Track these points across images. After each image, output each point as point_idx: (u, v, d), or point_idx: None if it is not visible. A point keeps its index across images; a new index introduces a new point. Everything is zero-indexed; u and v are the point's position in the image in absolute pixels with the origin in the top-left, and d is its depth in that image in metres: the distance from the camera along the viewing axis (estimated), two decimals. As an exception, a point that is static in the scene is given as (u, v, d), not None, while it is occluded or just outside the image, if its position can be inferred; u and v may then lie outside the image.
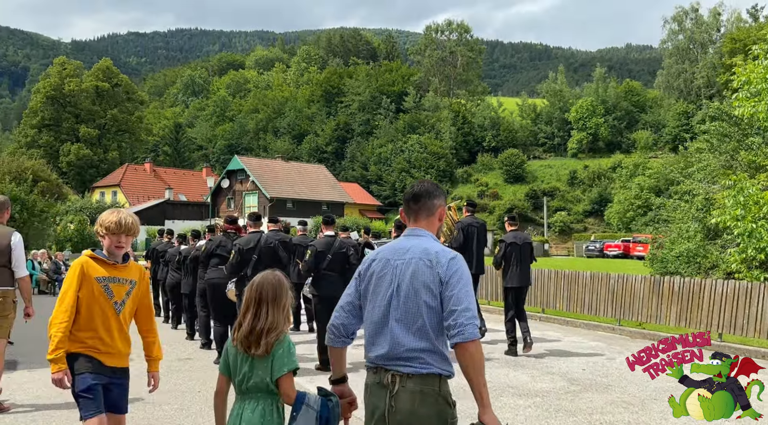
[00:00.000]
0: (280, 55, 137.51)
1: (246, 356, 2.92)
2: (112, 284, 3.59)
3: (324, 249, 8.08)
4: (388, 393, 2.70)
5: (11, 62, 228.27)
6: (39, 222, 38.23)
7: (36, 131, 75.51)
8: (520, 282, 9.10)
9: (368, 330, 2.86)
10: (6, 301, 5.88)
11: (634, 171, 59.88)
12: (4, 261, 5.83)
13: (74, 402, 4.53)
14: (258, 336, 2.88)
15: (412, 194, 2.99)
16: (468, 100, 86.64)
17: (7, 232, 5.92)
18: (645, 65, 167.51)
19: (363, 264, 2.99)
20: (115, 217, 3.57)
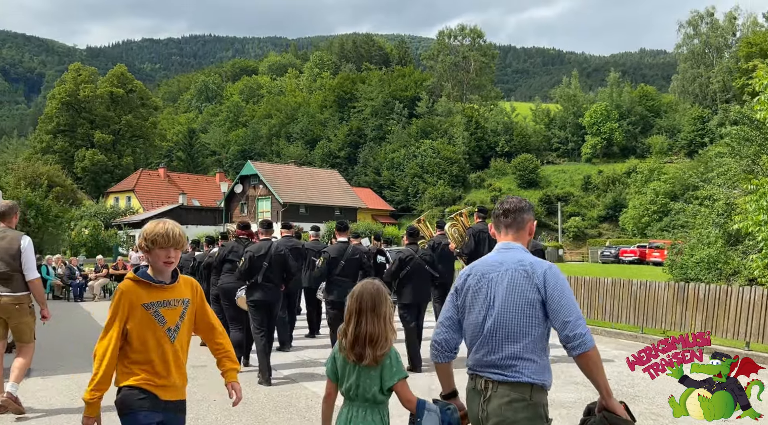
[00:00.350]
0: (293, 61, 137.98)
1: (354, 365, 3.01)
2: (163, 309, 3.09)
3: (337, 256, 8.12)
4: (481, 398, 2.87)
5: (27, 69, 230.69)
6: (54, 228, 38.43)
7: (51, 137, 76.14)
8: None
9: (468, 341, 3.01)
10: (22, 307, 5.93)
11: (649, 176, 59.39)
12: (16, 266, 5.87)
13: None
14: (363, 344, 2.97)
15: (502, 210, 3.09)
16: (481, 105, 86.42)
17: (17, 237, 5.97)
18: (659, 70, 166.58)
19: (459, 280, 3.08)
20: (162, 228, 3.10)
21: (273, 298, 7.63)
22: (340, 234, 8.54)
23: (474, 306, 2.95)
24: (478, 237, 9.72)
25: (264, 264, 7.55)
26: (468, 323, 2.98)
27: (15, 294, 5.88)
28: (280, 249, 7.82)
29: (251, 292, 7.60)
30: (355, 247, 8.51)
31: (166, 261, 3.09)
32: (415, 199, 71.97)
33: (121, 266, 20.79)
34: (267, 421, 5.63)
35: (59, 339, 10.56)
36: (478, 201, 68.38)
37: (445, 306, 3.10)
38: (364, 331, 2.98)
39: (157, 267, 3.12)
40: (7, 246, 5.86)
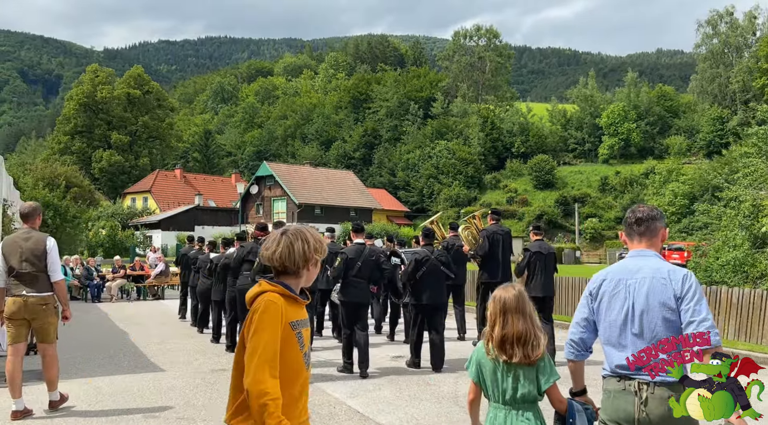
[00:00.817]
0: (308, 62, 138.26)
1: (509, 369, 3.07)
2: (304, 329, 2.62)
3: (354, 257, 8.15)
4: (637, 399, 3.02)
5: (45, 70, 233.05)
6: (71, 228, 38.66)
7: (69, 138, 76.72)
8: (544, 292, 8.89)
9: (606, 343, 3.15)
10: (48, 307, 5.98)
11: (668, 177, 58.74)
12: (41, 267, 5.92)
13: (104, 411, 4.34)
14: (512, 343, 3.07)
15: (635, 218, 3.21)
16: (496, 106, 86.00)
17: (42, 238, 6.02)
18: (676, 70, 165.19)
19: (593, 284, 3.22)
20: (321, 238, 2.69)
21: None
22: (356, 235, 8.58)
23: (611, 310, 3.11)
24: (492, 238, 9.78)
25: None
26: (605, 325, 3.14)
27: (41, 295, 5.93)
28: None
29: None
30: (371, 249, 8.56)
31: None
32: (430, 200, 71.71)
33: (138, 267, 20.78)
34: (289, 429, 5.49)
35: (76, 341, 10.50)
36: (493, 202, 68.05)
37: (581, 307, 3.24)
38: (511, 331, 3.08)
39: (311, 280, 2.70)
40: (33, 247, 5.92)
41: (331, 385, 7.25)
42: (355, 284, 8.11)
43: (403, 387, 7.14)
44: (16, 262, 5.88)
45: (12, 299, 5.90)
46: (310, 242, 2.63)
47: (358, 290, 8.08)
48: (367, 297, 8.29)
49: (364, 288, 8.15)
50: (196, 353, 9.62)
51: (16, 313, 5.88)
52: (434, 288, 8.34)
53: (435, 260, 8.32)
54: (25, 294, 5.87)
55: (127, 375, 7.83)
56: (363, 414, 6.01)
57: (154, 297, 20.06)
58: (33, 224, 6.13)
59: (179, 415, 5.96)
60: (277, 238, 2.63)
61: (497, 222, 10.22)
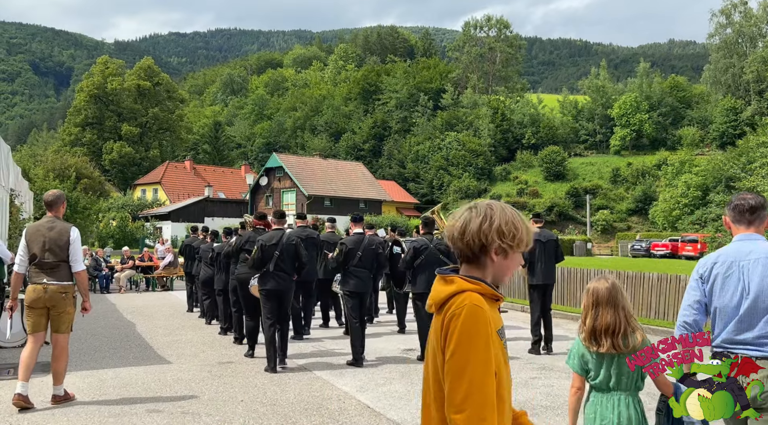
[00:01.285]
0: (318, 54, 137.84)
1: (611, 357, 3.23)
2: (506, 337, 2.09)
3: (354, 247, 8.21)
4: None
5: (56, 63, 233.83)
6: (82, 219, 38.70)
7: (80, 129, 76.86)
8: (545, 280, 8.91)
9: (718, 322, 3.34)
10: (67, 297, 5.98)
11: (680, 168, 58.12)
12: (63, 257, 5.94)
13: (108, 403, 4.16)
14: (599, 333, 3.23)
15: (749, 206, 3.37)
16: (507, 97, 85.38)
17: (67, 228, 6.05)
18: (688, 61, 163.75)
19: (703, 268, 3.39)
20: (526, 224, 2.07)
21: (284, 287, 7.74)
22: (355, 225, 8.64)
23: (725, 291, 3.29)
24: None
25: (275, 254, 7.65)
26: (718, 306, 3.32)
27: (61, 283, 5.94)
28: (291, 239, 7.90)
29: (263, 281, 7.73)
30: (371, 238, 8.60)
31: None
32: (439, 192, 71.39)
33: (147, 258, 20.69)
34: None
35: (83, 332, 10.38)
36: (503, 194, 67.70)
37: (691, 291, 3.40)
38: (601, 323, 3.22)
39: (504, 277, 2.07)
40: (56, 237, 5.95)
41: (339, 378, 7.07)
42: (357, 274, 8.17)
43: (415, 381, 6.95)
44: (38, 250, 5.91)
45: (32, 286, 5.92)
46: (495, 222, 1.97)
47: (359, 280, 8.15)
48: (368, 287, 8.38)
49: (366, 277, 8.23)
50: (203, 345, 9.47)
51: (37, 301, 5.89)
52: (433, 277, 7.96)
53: (434, 248, 8.30)
54: (45, 282, 5.89)
55: (132, 368, 7.69)
56: (373, 409, 5.82)
57: (163, 289, 19.98)
58: (57, 212, 6.16)
59: (184, 410, 5.79)
60: (461, 213, 2.06)
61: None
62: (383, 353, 8.69)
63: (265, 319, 7.75)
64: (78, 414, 5.60)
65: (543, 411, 5.75)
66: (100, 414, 5.62)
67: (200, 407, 5.87)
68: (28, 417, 5.51)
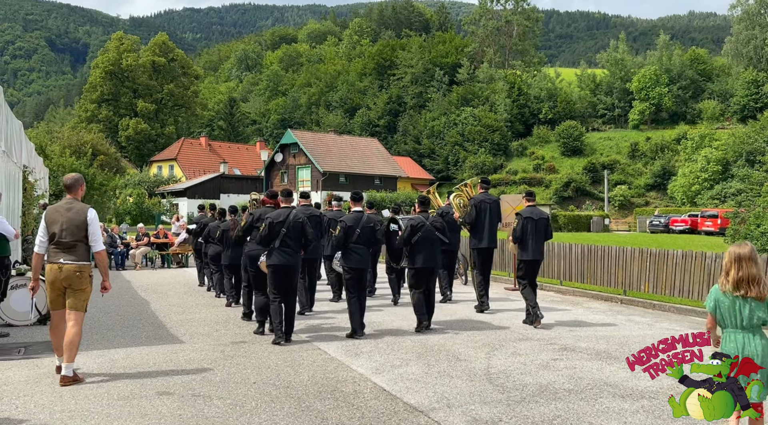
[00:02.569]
0: (332, 29, 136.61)
1: (745, 302, 3.99)
2: None
3: (353, 224, 8.47)
4: None
5: (72, 39, 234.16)
6: (98, 196, 38.80)
7: (96, 106, 77.01)
8: (534, 256, 9.18)
9: None
10: (83, 275, 6.13)
11: (700, 143, 57.19)
12: (81, 237, 6.13)
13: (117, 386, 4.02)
14: (747, 283, 3.99)
15: None
16: (524, 71, 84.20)
17: (84, 208, 6.23)
18: (709, 33, 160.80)
19: None
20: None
21: (291, 263, 7.99)
22: (355, 204, 8.82)
23: None
24: (480, 207, 10.39)
25: (282, 231, 7.94)
26: None
27: (77, 263, 6.11)
28: (298, 217, 8.18)
29: (269, 257, 8.02)
30: (369, 216, 8.85)
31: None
32: (455, 168, 70.89)
33: (162, 235, 20.65)
34: (311, 409, 5.14)
35: (96, 310, 10.30)
36: (519, 169, 67.10)
37: None
38: (746, 274, 4.00)
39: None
40: (74, 218, 6.13)
41: (355, 360, 6.90)
42: (356, 250, 8.45)
43: (432, 363, 6.76)
44: (57, 230, 6.10)
45: (49, 266, 6.11)
46: None
47: (359, 256, 8.44)
48: (367, 263, 8.63)
49: (365, 253, 8.51)
50: (216, 324, 9.35)
51: (54, 281, 6.08)
52: (429, 253, 8.67)
53: (430, 226, 8.72)
54: (61, 261, 6.06)
55: (144, 347, 7.57)
56: (389, 392, 5.64)
57: (179, 265, 19.95)
58: (76, 194, 6.34)
59: (195, 392, 5.64)
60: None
61: (486, 191, 10.74)
62: (398, 334, 8.52)
63: (271, 293, 8.04)
64: (86, 397, 5.47)
65: (566, 395, 5.53)
66: (109, 396, 5.49)
67: (212, 389, 5.72)
68: (35, 400, 5.39)
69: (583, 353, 7.22)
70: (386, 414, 5.01)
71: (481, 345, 7.62)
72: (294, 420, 4.86)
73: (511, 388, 5.72)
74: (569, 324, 9.16)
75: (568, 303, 11.48)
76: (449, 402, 5.31)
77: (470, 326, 9.00)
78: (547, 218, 9.44)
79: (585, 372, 6.31)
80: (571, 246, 13.22)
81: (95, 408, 5.18)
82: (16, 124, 12.38)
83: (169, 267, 19.95)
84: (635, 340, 7.93)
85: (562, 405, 5.24)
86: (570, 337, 8.16)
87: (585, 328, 8.84)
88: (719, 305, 4.11)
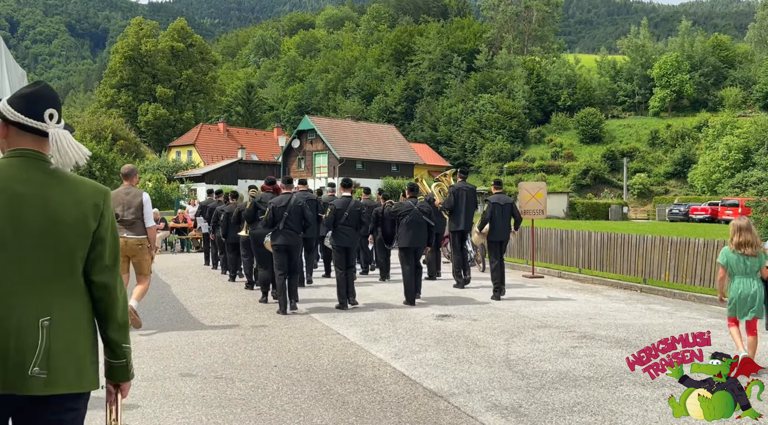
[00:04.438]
0: (350, 14, 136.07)
1: (746, 258, 5.93)
2: None
3: (342, 208, 9.46)
4: None
5: (92, 24, 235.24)
6: (119, 180, 39.02)
7: (115, 91, 77.41)
8: (500, 237, 10.61)
9: None
10: (143, 247, 7.64)
11: (722, 130, 56.39)
12: (139, 215, 7.55)
13: (141, 368, 4.09)
14: (744, 245, 5.93)
15: None
16: (543, 58, 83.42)
17: (140, 193, 7.66)
18: (732, 19, 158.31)
19: None
20: None
21: (293, 243, 9.04)
22: (344, 189, 9.86)
23: None
24: (458, 194, 11.57)
25: (285, 214, 8.94)
26: None
27: (138, 237, 7.58)
28: (298, 202, 9.18)
29: (274, 237, 9.02)
30: (357, 201, 9.86)
31: None
32: (472, 155, 70.60)
33: (182, 219, 20.82)
34: (332, 392, 5.20)
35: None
36: (537, 157, 66.64)
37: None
38: (744, 239, 5.93)
39: None
40: (132, 200, 7.54)
41: (374, 345, 6.95)
42: (344, 231, 9.42)
43: (451, 349, 6.79)
44: (120, 211, 7.43)
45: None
46: None
47: (346, 236, 9.44)
48: (354, 242, 9.69)
49: (352, 234, 9.50)
50: (236, 308, 9.45)
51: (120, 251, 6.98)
52: (416, 234, 9.86)
53: (417, 210, 9.88)
54: (126, 236, 7.43)
55: (166, 330, 7.68)
56: (409, 377, 5.68)
57: (198, 250, 20.11)
58: (131, 181, 7.76)
59: (217, 374, 5.73)
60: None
61: (464, 180, 11.97)
62: (417, 320, 8.56)
63: (276, 270, 9.02)
64: (112, 378, 5.57)
65: (586, 382, 5.54)
66: (134, 378, 5.59)
67: (233, 372, 5.80)
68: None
69: (602, 341, 7.21)
70: (406, 399, 5.06)
71: (499, 332, 7.64)
72: (315, 403, 4.92)
73: (530, 375, 5.73)
74: (588, 312, 9.15)
75: (587, 292, 11.45)
76: (469, 387, 5.34)
77: (488, 313, 9.02)
78: (512, 204, 10.83)
79: (605, 359, 6.31)
80: (590, 234, 13.15)
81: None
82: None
83: (188, 251, 20.12)
84: (655, 329, 7.91)
85: (582, 392, 5.25)
86: (589, 325, 8.15)
87: (604, 316, 8.82)
88: (729, 260, 6.02)
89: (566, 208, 49.49)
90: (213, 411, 4.75)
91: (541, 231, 14.72)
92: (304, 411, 4.74)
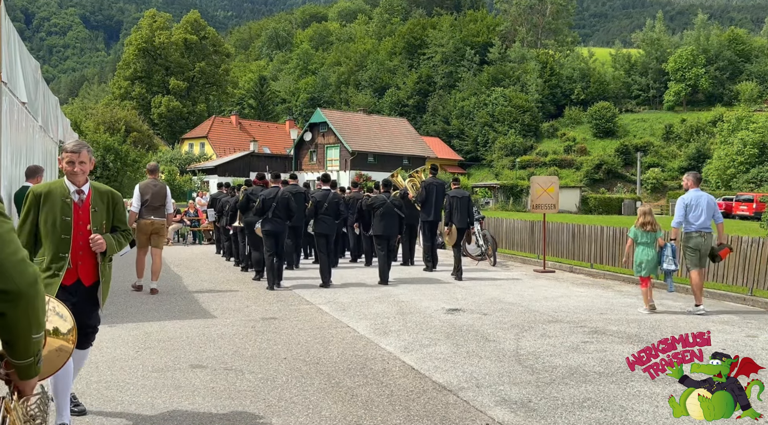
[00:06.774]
0: (363, 7, 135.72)
1: (648, 234, 8.59)
2: None
3: (321, 200, 10.92)
4: (703, 239, 8.50)
5: (106, 16, 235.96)
6: (132, 172, 39.21)
7: (129, 83, 77.75)
8: (461, 224, 12.00)
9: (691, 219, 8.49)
10: (163, 227, 10.07)
11: (737, 125, 55.88)
12: (163, 202, 9.93)
13: (151, 359, 4.08)
14: (646, 224, 8.59)
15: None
16: (556, 51, 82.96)
17: (164, 184, 10.06)
18: (748, 12, 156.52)
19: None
20: None
21: (280, 229, 10.58)
22: (323, 183, 11.66)
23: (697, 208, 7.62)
24: (428, 188, 12.98)
25: (273, 204, 10.45)
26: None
27: (161, 219, 9.99)
28: (284, 194, 10.64)
29: (263, 224, 10.54)
30: (335, 194, 11.17)
31: None
32: (485, 149, 70.41)
33: (192, 211, 20.89)
34: (341, 385, 5.20)
35: (128, 285, 10.50)
36: (550, 151, 66.34)
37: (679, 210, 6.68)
38: (647, 220, 8.58)
39: None
40: (159, 191, 9.88)
41: (383, 338, 6.95)
42: (324, 220, 10.91)
43: (461, 342, 6.78)
44: (149, 197, 9.76)
45: (143, 221, 9.85)
46: None
47: (326, 224, 10.94)
48: (333, 230, 11.13)
49: (331, 222, 10.97)
50: (247, 300, 9.47)
51: (146, 230, 9.86)
52: (389, 224, 11.30)
53: (390, 203, 11.33)
54: (152, 218, 9.86)
55: (177, 321, 7.72)
56: (418, 371, 5.67)
57: (209, 242, 20.19)
58: (155, 176, 10.07)
59: (227, 366, 5.75)
60: None
61: (434, 175, 13.40)
62: (427, 313, 8.55)
63: (266, 252, 10.54)
64: (122, 368, 5.61)
65: (597, 377, 5.51)
66: (144, 368, 5.62)
67: (243, 364, 5.82)
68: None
69: (613, 336, 7.17)
70: (415, 392, 5.05)
71: (509, 327, 7.62)
72: (324, 396, 4.92)
73: (540, 370, 5.71)
74: (600, 307, 9.10)
75: (599, 287, 11.39)
76: (478, 382, 5.33)
77: (498, 307, 8.99)
78: (468, 197, 12.17)
79: (616, 355, 6.26)
80: (602, 229, 13.07)
81: (130, 379, 5.31)
82: (53, 100, 12.54)
83: (200, 243, 20.20)
84: (667, 324, 7.85)
85: (592, 387, 5.23)
86: (600, 320, 8.10)
87: (616, 312, 8.77)
88: (637, 234, 8.66)
89: (579, 202, 49.25)
90: (222, 402, 4.76)
91: (553, 225, 14.66)
92: (313, 404, 4.74)
